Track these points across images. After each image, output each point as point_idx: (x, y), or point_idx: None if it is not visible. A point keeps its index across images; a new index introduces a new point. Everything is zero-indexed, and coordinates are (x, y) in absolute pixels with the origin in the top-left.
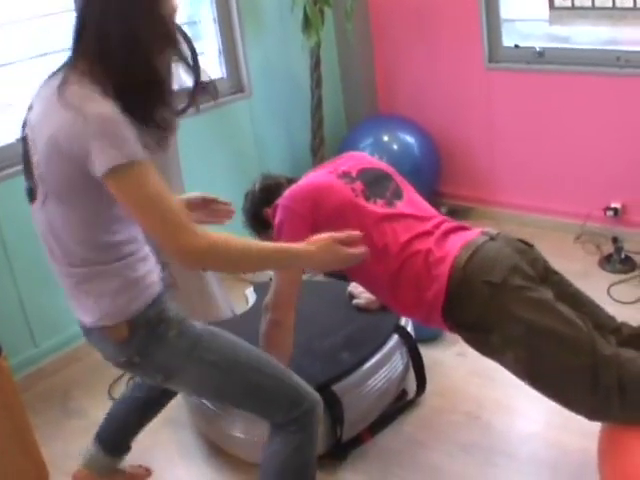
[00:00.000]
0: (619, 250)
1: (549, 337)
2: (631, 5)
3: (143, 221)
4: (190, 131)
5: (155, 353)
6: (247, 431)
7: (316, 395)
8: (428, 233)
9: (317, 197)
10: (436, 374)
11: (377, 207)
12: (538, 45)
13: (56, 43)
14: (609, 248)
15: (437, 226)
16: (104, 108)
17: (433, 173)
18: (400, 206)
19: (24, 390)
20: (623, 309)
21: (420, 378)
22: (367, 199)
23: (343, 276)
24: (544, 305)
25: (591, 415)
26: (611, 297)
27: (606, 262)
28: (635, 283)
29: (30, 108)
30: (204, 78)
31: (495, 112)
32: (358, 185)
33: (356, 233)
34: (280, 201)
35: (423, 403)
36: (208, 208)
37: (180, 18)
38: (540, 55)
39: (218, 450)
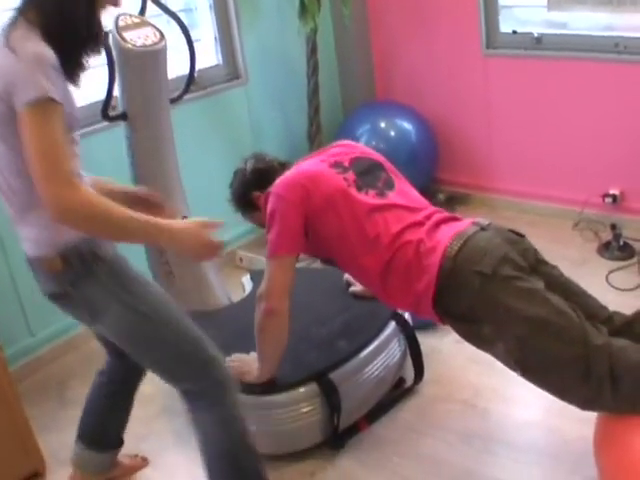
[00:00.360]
0: (617, 237)
1: (540, 327)
2: None
3: (31, 159)
4: (186, 118)
5: (86, 288)
6: None
7: (228, 374)
8: (419, 224)
9: (309, 186)
10: (434, 362)
11: (369, 197)
12: (536, 31)
13: None
14: (607, 235)
15: (428, 217)
16: (39, 48)
17: (430, 160)
18: (391, 196)
19: (20, 380)
20: (622, 296)
21: (418, 366)
22: (359, 189)
23: None
24: (535, 295)
25: (584, 405)
26: (610, 284)
27: (604, 249)
28: (634, 270)
29: None
30: None
31: (493, 99)
32: (350, 175)
33: (220, 222)
34: (272, 189)
35: (420, 391)
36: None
37: (176, 5)
38: (538, 41)
39: None
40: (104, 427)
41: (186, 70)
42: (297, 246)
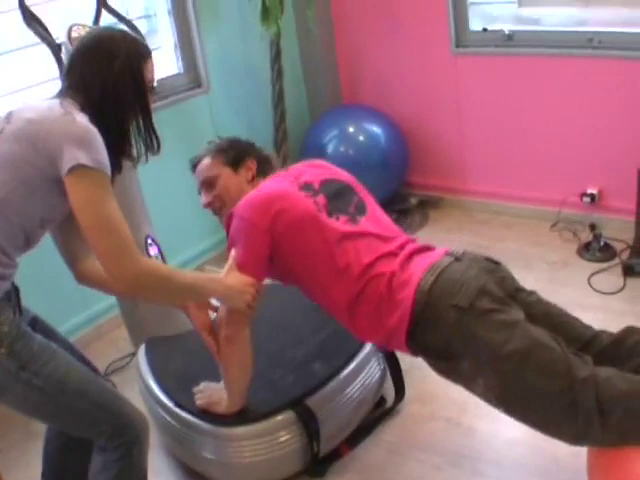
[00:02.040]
0: (598, 237)
1: (521, 361)
2: None
3: (88, 231)
4: None
5: None
6: (218, 452)
7: (142, 427)
8: (393, 254)
9: (277, 207)
10: (415, 378)
11: (340, 224)
12: (507, 28)
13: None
14: (587, 235)
15: (402, 246)
16: (91, 125)
17: (401, 163)
18: (364, 223)
19: None
20: (605, 299)
21: (398, 384)
22: (329, 214)
23: None
24: (515, 328)
25: (574, 441)
26: (592, 287)
27: (585, 250)
28: (616, 271)
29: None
30: None
31: (464, 98)
32: (320, 199)
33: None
34: (237, 210)
35: (402, 410)
36: None
37: (135, 11)
38: (509, 38)
39: (189, 471)
40: (64, 474)
41: None
42: (261, 272)
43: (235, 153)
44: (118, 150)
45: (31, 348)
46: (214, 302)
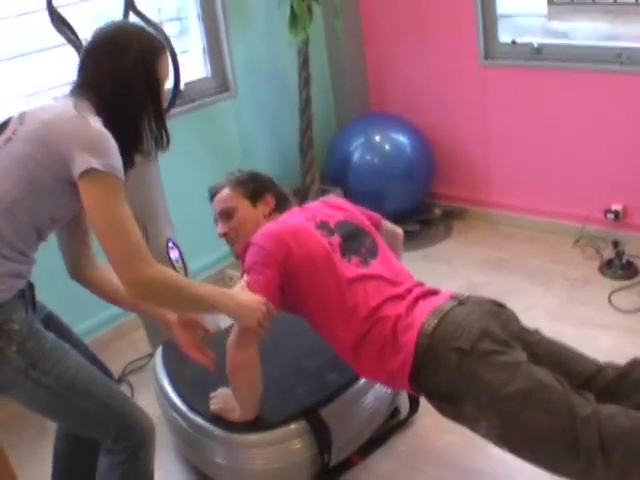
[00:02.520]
0: (620, 255)
1: (523, 402)
2: (632, 0)
3: (102, 234)
4: (173, 132)
5: None
6: (229, 458)
7: (149, 431)
8: (400, 297)
9: (291, 242)
10: None
11: (351, 266)
12: (536, 41)
13: (33, 43)
14: (609, 252)
15: (409, 290)
16: (104, 129)
17: (427, 174)
18: (375, 265)
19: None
20: (624, 319)
21: (413, 396)
22: (343, 255)
23: None
24: (516, 369)
25: (578, 478)
26: (612, 305)
27: (607, 267)
28: (637, 290)
29: (22, 115)
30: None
31: (491, 110)
32: (335, 239)
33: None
34: (254, 239)
35: (417, 422)
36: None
37: (168, 12)
38: (538, 51)
39: (200, 474)
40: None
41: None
42: (273, 298)
43: (255, 187)
44: (131, 147)
45: (42, 347)
46: (206, 323)
